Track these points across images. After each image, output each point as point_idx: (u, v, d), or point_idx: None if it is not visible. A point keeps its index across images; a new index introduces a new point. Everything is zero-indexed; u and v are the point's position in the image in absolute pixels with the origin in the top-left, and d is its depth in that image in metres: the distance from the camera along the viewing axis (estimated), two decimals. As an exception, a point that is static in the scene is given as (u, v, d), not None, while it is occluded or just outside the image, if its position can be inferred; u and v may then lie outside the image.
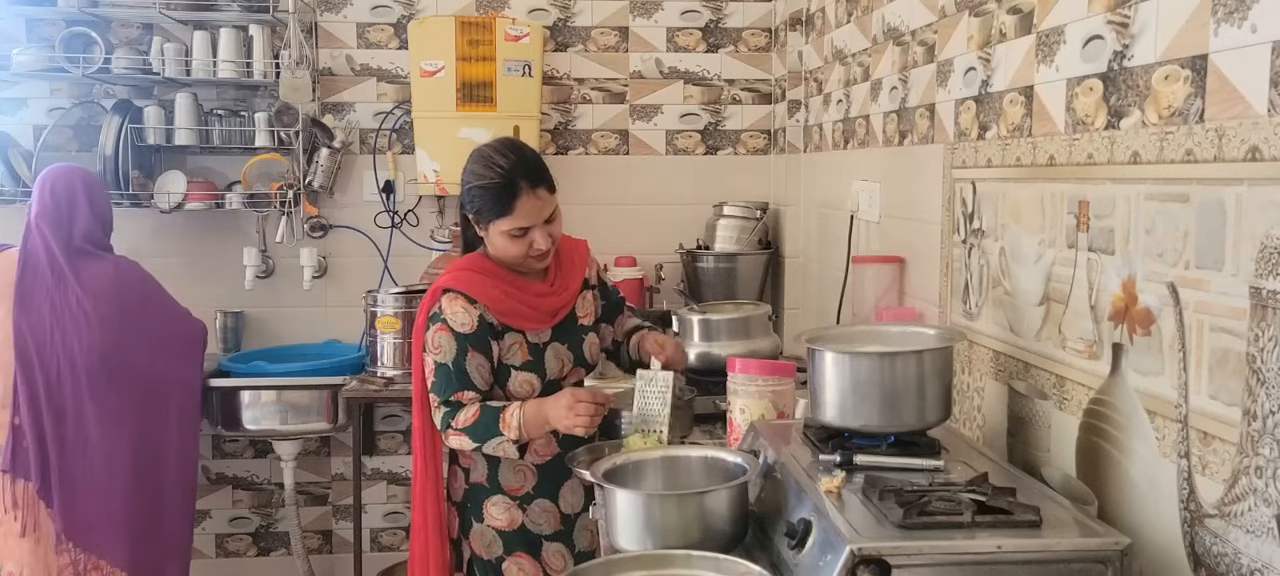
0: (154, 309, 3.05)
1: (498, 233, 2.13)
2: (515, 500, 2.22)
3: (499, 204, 2.10)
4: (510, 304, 2.16)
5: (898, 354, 1.74)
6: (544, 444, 2.20)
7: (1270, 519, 1.23)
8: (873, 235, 2.79)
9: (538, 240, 2.14)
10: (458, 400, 2.12)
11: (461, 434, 2.11)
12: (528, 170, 2.13)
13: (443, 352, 2.11)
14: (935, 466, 1.65)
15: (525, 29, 3.53)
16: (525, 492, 2.23)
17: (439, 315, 2.13)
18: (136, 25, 3.61)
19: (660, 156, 3.88)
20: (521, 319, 2.17)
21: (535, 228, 2.13)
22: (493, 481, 2.22)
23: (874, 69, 2.82)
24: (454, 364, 2.11)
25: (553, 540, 2.25)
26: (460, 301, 2.12)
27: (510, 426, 2.07)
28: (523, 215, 2.10)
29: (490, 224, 2.13)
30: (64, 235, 2.89)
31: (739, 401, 2.24)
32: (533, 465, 2.22)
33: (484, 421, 2.09)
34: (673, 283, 3.79)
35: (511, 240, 2.13)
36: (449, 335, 2.11)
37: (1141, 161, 1.50)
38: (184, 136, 3.54)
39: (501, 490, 2.22)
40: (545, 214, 2.14)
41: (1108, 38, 1.60)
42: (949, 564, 1.35)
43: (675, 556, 1.49)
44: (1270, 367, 1.22)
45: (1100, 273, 1.61)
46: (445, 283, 2.15)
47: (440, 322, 2.12)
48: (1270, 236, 1.23)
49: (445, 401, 2.13)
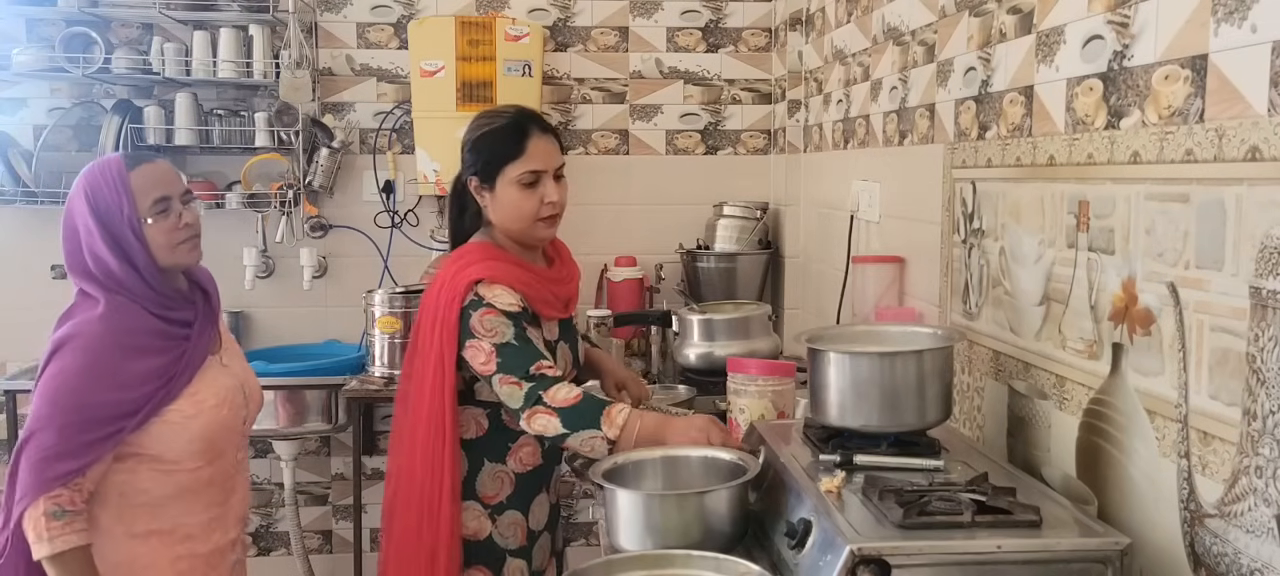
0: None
1: (507, 184, 2.02)
2: (487, 509, 2.09)
3: (510, 145, 2.01)
4: (536, 289, 2.06)
5: (898, 354, 1.74)
6: (530, 453, 2.11)
7: (1270, 519, 1.23)
8: (873, 235, 2.79)
9: (550, 190, 2.03)
10: (540, 372, 1.93)
11: (552, 413, 1.89)
12: (537, 118, 2.07)
13: (498, 333, 1.96)
14: (935, 466, 1.65)
15: (525, 29, 3.53)
16: (499, 502, 2.10)
17: (481, 301, 1.98)
18: (136, 25, 3.61)
19: (660, 156, 3.88)
20: (547, 305, 2.08)
21: (546, 176, 2.03)
22: (468, 486, 2.08)
23: (874, 69, 2.82)
24: (518, 337, 1.96)
25: (516, 555, 2.13)
26: (500, 286, 2.00)
27: (614, 423, 1.87)
28: (536, 157, 2.01)
29: (499, 174, 2.02)
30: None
31: (739, 401, 2.24)
32: (513, 473, 2.11)
33: (585, 407, 1.89)
34: (673, 282, 3.79)
35: (523, 192, 2.02)
36: (499, 316, 1.96)
37: (1141, 161, 1.50)
38: (184, 136, 3.54)
39: (475, 495, 2.09)
40: (555, 162, 2.05)
41: (1108, 38, 1.60)
42: (949, 564, 1.35)
43: (675, 556, 1.49)
44: (1270, 367, 1.22)
45: (1100, 272, 1.61)
46: (475, 273, 2.00)
47: (485, 306, 1.97)
48: (1270, 236, 1.23)
49: (527, 376, 1.92)
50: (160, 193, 1.92)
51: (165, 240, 1.92)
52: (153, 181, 1.93)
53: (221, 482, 2.03)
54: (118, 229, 1.89)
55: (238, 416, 2.05)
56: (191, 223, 1.97)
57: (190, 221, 1.97)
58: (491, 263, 2.03)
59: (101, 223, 1.89)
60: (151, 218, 1.90)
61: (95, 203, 1.90)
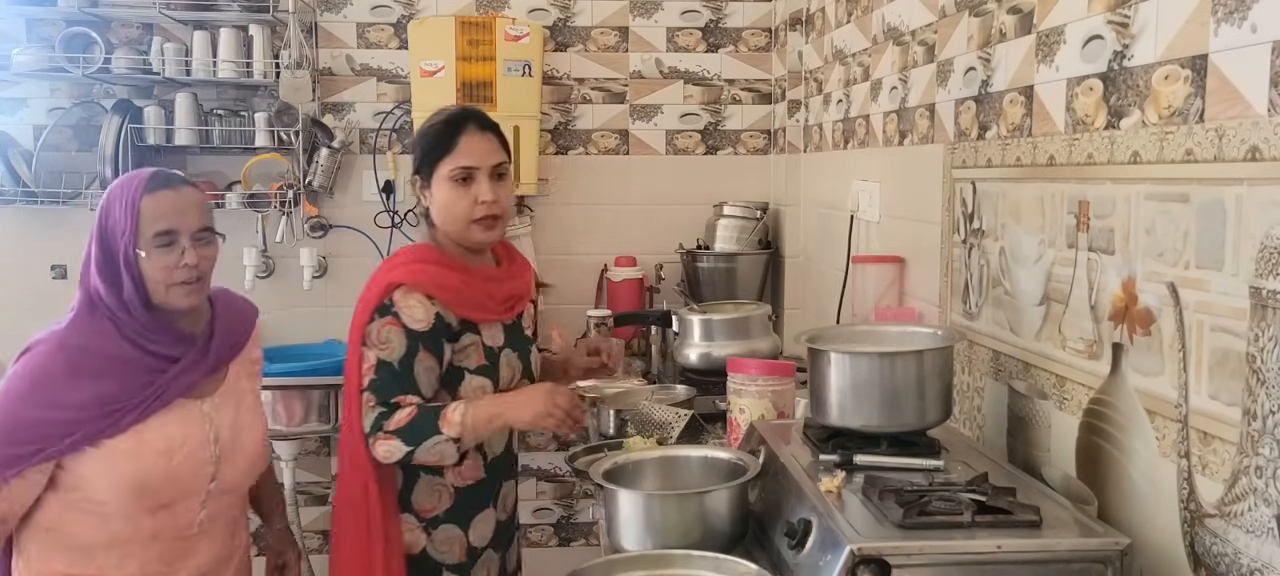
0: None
1: (440, 183, 1.99)
2: (422, 523, 2.02)
3: (441, 142, 1.99)
4: (467, 293, 1.99)
5: (898, 354, 1.74)
6: (470, 465, 2.04)
7: (1270, 519, 1.23)
8: (873, 235, 2.79)
9: (484, 189, 1.98)
10: (397, 403, 1.92)
11: (392, 437, 1.89)
12: (478, 115, 2.03)
13: (390, 349, 1.92)
14: (935, 466, 1.66)
15: (525, 29, 3.53)
16: (435, 515, 2.03)
17: (390, 308, 1.94)
18: (136, 25, 3.61)
19: (660, 156, 3.87)
20: (478, 309, 2.01)
21: (481, 172, 1.99)
22: (403, 498, 2.02)
23: (874, 69, 2.82)
24: (401, 363, 1.92)
25: (454, 571, 2.05)
26: (417, 296, 1.94)
27: (451, 422, 1.87)
28: (466, 152, 1.98)
29: (433, 173, 2.00)
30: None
31: (739, 401, 2.24)
32: (452, 486, 2.03)
33: (421, 420, 1.89)
34: (673, 282, 3.79)
35: (455, 189, 1.98)
36: (400, 331, 1.92)
37: (1141, 161, 1.50)
38: (184, 136, 3.54)
39: (411, 508, 2.02)
40: (492, 159, 2.01)
41: (1108, 38, 1.60)
42: (949, 564, 1.35)
43: (675, 556, 1.49)
44: (1270, 367, 1.22)
45: (1100, 272, 1.61)
46: (397, 277, 1.96)
47: (391, 316, 1.93)
48: (1270, 236, 1.23)
49: (383, 402, 1.92)
50: (166, 225, 1.79)
51: (160, 277, 1.79)
52: (164, 210, 1.80)
53: (171, 541, 1.84)
54: (113, 251, 1.79)
55: (200, 471, 1.85)
56: (194, 265, 1.81)
57: (192, 263, 1.81)
58: (417, 265, 1.99)
59: (102, 239, 1.80)
60: (150, 250, 1.78)
61: (105, 217, 1.81)
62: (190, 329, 1.88)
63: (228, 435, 1.90)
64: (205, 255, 1.84)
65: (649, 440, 2.17)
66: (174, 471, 1.80)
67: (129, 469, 1.76)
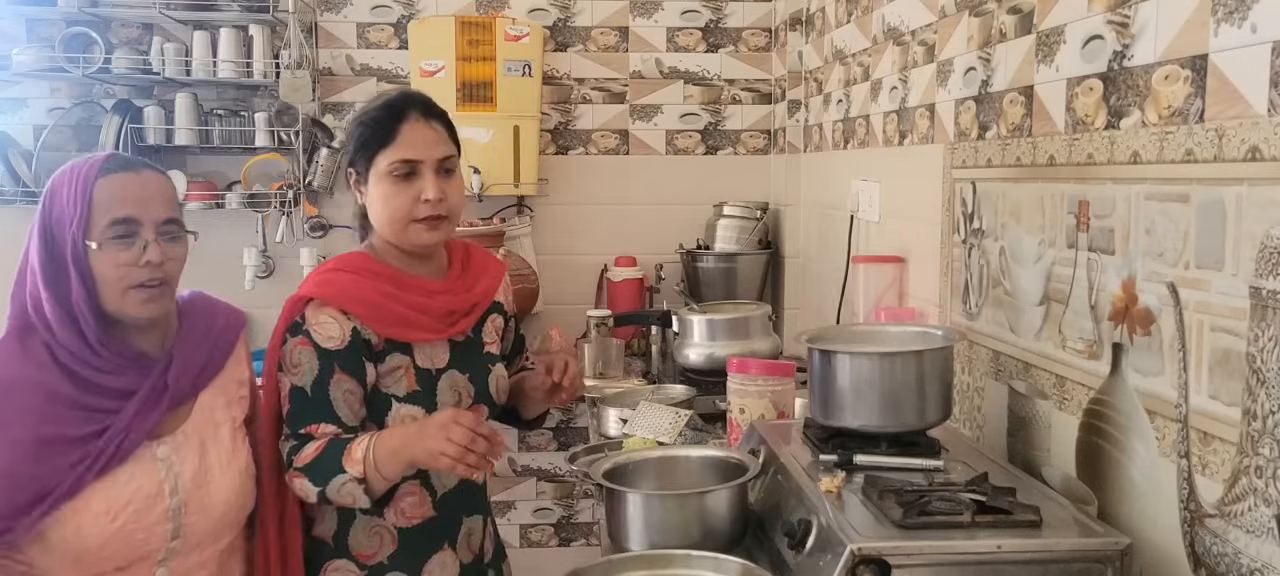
0: None
1: (378, 177, 1.74)
2: (363, 570, 1.75)
3: (379, 133, 1.74)
4: (391, 308, 1.72)
5: (898, 354, 1.74)
6: (414, 503, 1.76)
7: (1270, 519, 1.23)
8: (873, 235, 2.79)
9: (428, 187, 1.72)
10: (309, 433, 1.67)
11: (300, 475, 1.63)
12: (422, 101, 1.78)
13: (301, 372, 1.68)
14: (935, 466, 1.66)
15: (525, 29, 3.53)
16: (377, 562, 1.75)
17: (301, 326, 1.70)
18: (136, 25, 3.61)
19: (660, 156, 3.87)
20: (407, 327, 1.73)
21: (424, 167, 1.73)
22: (339, 541, 1.75)
23: (874, 69, 2.82)
24: (313, 386, 1.67)
25: None
26: (328, 311, 1.70)
27: (354, 460, 1.59)
28: (407, 144, 1.72)
29: (370, 167, 1.75)
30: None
31: (739, 401, 2.24)
32: (394, 528, 1.76)
33: (326, 456, 1.62)
34: (673, 282, 3.79)
35: (395, 185, 1.72)
36: (311, 351, 1.68)
37: (1141, 161, 1.50)
38: (184, 136, 3.54)
39: (349, 553, 1.75)
40: (438, 153, 1.75)
41: (1108, 38, 1.60)
42: (949, 564, 1.35)
43: (675, 556, 1.49)
44: (1270, 367, 1.22)
45: (1100, 272, 1.61)
46: (307, 290, 1.73)
47: (301, 336, 1.69)
48: (1270, 236, 1.23)
49: (296, 433, 1.67)
50: (124, 212, 1.46)
51: (114, 276, 1.45)
52: (121, 196, 1.47)
53: None
54: (59, 245, 1.47)
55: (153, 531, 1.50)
56: (156, 263, 1.48)
57: (155, 260, 1.47)
58: (332, 275, 1.75)
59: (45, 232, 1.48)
60: (103, 242, 1.45)
61: (50, 205, 1.48)
62: (150, 349, 1.55)
63: (191, 483, 1.55)
64: (171, 254, 1.52)
65: (649, 440, 2.17)
66: (118, 533, 1.46)
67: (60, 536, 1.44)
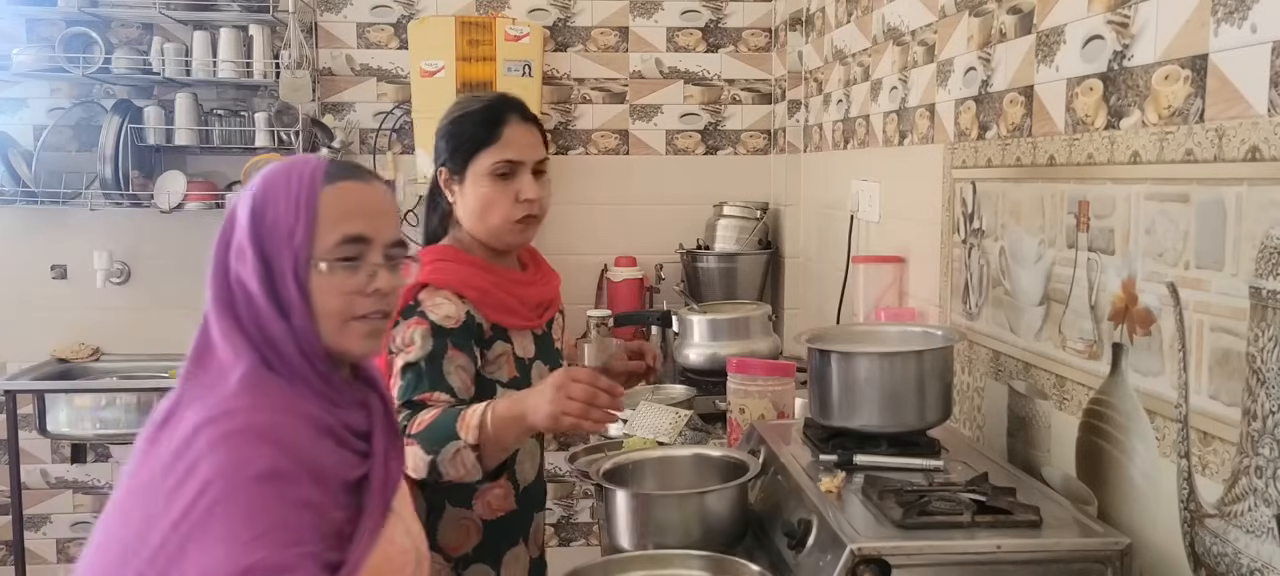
0: None
1: (478, 176, 1.78)
2: (450, 562, 1.77)
3: (483, 131, 1.78)
4: (498, 295, 1.79)
5: (898, 354, 1.74)
6: (500, 496, 1.80)
7: (1270, 519, 1.23)
8: (873, 235, 2.79)
9: (527, 187, 1.78)
10: (423, 401, 1.65)
11: (413, 443, 1.58)
12: (521, 105, 1.83)
13: (414, 349, 1.68)
14: (935, 466, 1.66)
15: (525, 29, 3.53)
16: (463, 553, 1.78)
17: (415, 308, 1.71)
18: (136, 25, 3.61)
19: (660, 156, 3.88)
20: (510, 314, 1.81)
21: (524, 168, 1.79)
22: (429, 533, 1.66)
23: (874, 69, 2.82)
24: (428, 360, 1.67)
25: None
26: (444, 293, 1.73)
27: (469, 426, 1.55)
28: (511, 145, 1.77)
29: (470, 164, 1.78)
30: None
31: (739, 401, 2.24)
32: (480, 520, 1.79)
33: (441, 423, 1.59)
34: (673, 282, 3.79)
35: (496, 184, 1.77)
36: (426, 329, 1.69)
37: (1141, 161, 1.50)
38: (184, 136, 3.54)
39: (437, 546, 1.74)
40: (536, 154, 1.81)
41: (1108, 38, 1.60)
42: (949, 564, 1.35)
43: (675, 556, 1.49)
44: (1270, 367, 1.22)
45: (1100, 272, 1.61)
46: (423, 277, 1.74)
47: (416, 316, 1.70)
48: (1270, 236, 1.23)
49: (408, 402, 1.65)
50: (356, 229, 1.24)
51: (336, 305, 1.23)
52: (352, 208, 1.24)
53: None
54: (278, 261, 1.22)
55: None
56: (385, 292, 1.26)
57: (384, 289, 1.26)
58: (442, 264, 1.79)
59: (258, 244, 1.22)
60: (329, 263, 1.22)
61: (261, 212, 1.23)
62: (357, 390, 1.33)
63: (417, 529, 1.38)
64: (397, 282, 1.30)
65: (649, 440, 2.17)
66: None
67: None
